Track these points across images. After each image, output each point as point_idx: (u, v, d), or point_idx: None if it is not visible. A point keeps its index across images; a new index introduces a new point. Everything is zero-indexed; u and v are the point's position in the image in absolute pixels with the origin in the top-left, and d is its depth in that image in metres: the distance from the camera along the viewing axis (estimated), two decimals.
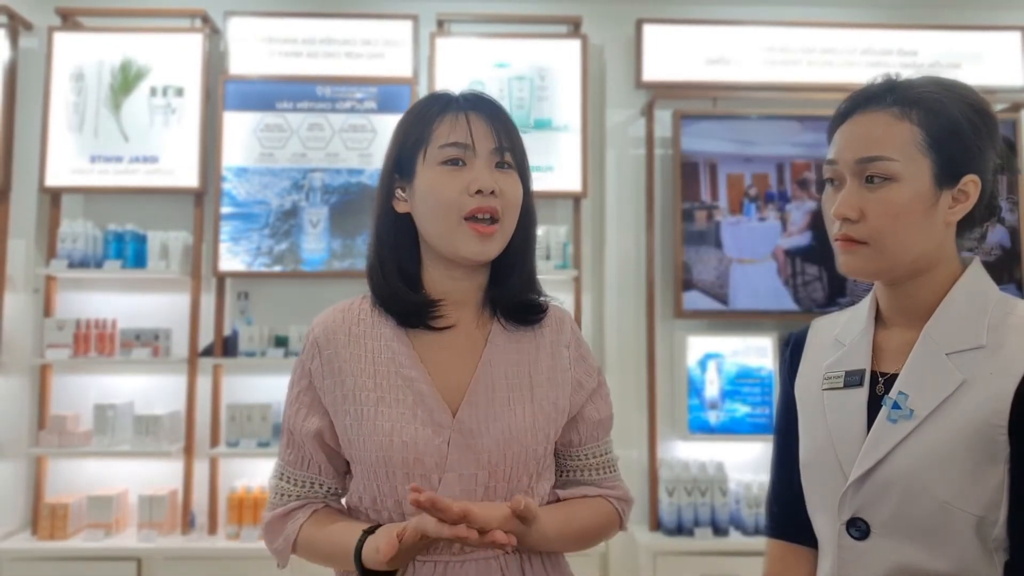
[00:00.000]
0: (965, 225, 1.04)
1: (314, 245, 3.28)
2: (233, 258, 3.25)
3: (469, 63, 3.35)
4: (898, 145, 0.99)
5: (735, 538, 3.07)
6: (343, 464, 1.18)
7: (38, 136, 3.25)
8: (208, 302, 3.29)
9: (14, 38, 3.30)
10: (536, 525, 1.06)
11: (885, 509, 0.97)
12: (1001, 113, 3.29)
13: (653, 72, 3.42)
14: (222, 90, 3.30)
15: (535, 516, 1.04)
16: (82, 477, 3.22)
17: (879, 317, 1.09)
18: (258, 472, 3.20)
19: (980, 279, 1.03)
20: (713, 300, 3.30)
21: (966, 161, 1.00)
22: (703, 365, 3.32)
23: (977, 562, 0.93)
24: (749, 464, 3.26)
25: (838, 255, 1.04)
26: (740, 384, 3.30)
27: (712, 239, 3.32)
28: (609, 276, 3.40)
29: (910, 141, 0.99)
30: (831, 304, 3.27)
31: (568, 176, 3.33)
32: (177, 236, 3.21)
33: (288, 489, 1.18)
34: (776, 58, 3.45)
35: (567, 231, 3.33)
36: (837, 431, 1.04)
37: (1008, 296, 1.03)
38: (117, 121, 3.28)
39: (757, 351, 3.32)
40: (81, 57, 3.29)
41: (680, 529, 3.08)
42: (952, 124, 0.99)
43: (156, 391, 3.27)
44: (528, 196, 1.18)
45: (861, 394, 1.04)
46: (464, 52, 3.37)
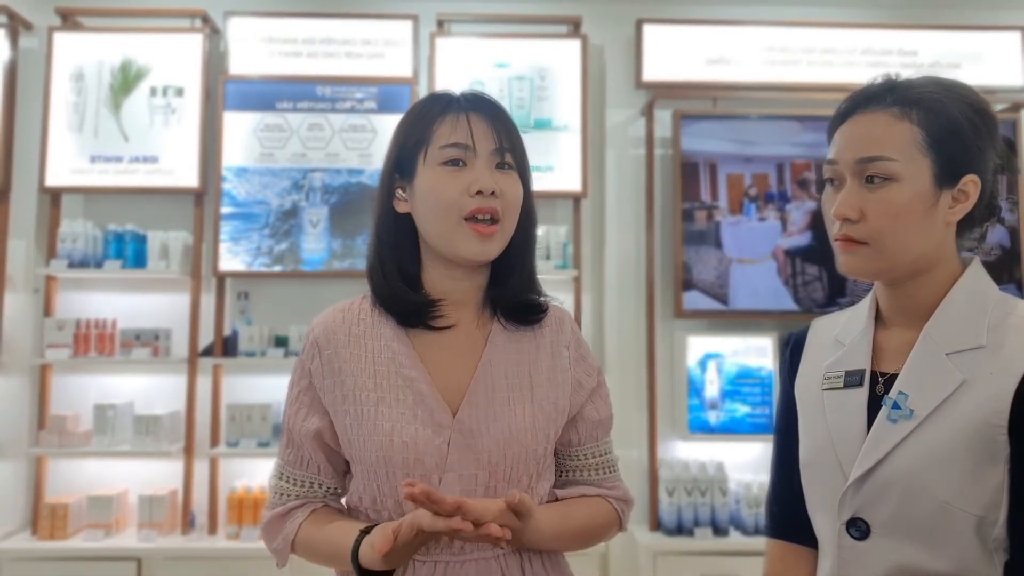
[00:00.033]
0: (965, 225, 1.04)
1: (314, 245, 3.28)
2: (233, 258, 3.25)
3: (469, 63, 3.35)
4: (898, 145, 0.99)
5: (735, 538, 3.07)
6: (343, 464, 1.18)
7: (38, 136, 3.25)
8: (208, 302, 3.29)
9: (14, 38, 3.30)
10: (532, 522, 1.05)
11: (885, 509, 0.97)
12: (1001, 113, 3.29)
13: (653, 72, 3.42)
14: (222, 90, 3.30)
15: (530, 511, 1.03)
16: (82, 477, 3.22)
17: (879, 317, 1.09)
18: (258, 472, 3.20)
19: (980, 279, 1.03)
20: (713, 300, 3.30)
21: (966, 161, 1.00)
22: (703, 365, 3.32)
23: (977, 562, 0.93)
24: (749, 464, 3.26)
25: (838, 255, 1.04)
26: (740, 384, 3.30)
27: (712, 239, 3.32)
28: (609, 276, 3.40)
29: (910, 141, 0.99)
30: (831, 304, 3.27)
31: (568, 176, 3.33)
32: (177, 236, 3.21)
33: (287, 489, 1.18)
34: (776, 58, 3.45)
35: (567, 231, 3.33)
36: (837, 431, 1.04)
37: (1008, 296, 1.03)
38: (117, 121, 3.28)
39: (757, 351, 3.32)
40: (81, 57, 3.29)
41: (680, 529, 3.08)
42: (952, 124, 0.99)
43: (156, 391, 3.28)
44: (528, 197, 1.18)
45: (861, 394, 1.04)
46: (464, 52, 3.37)
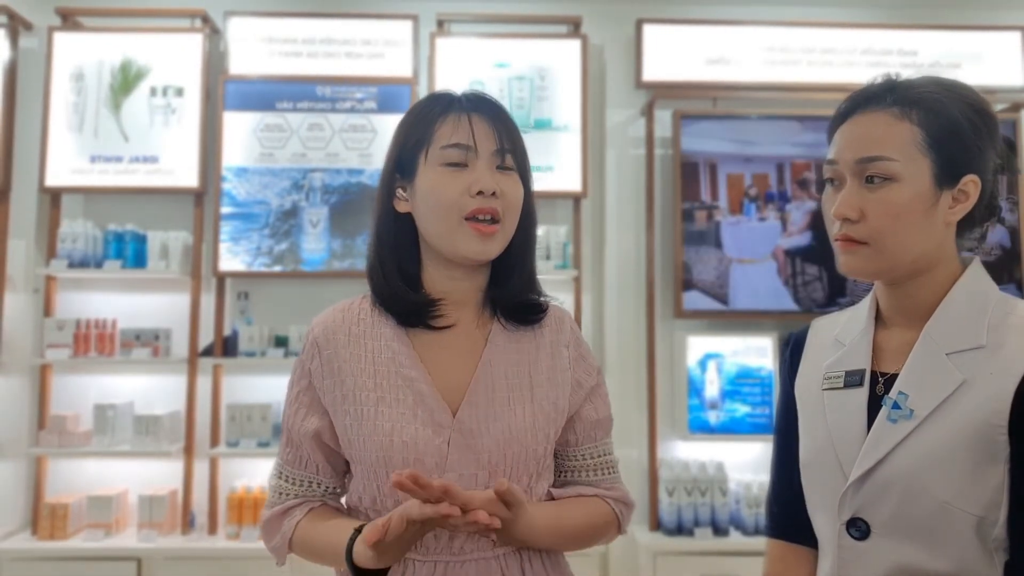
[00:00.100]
0: (965, 225, 1.04)
1: (314, 245, 3.28)
2: (233, 258, 3.25)
3: (469, 63, 3.35)
4: (898, 145, 0.99)
5: (735, 538, 3.07)
6: (342, 463, 1.18)
7: (38, 136, 3.25)
8: (208, 302, 3.29)
9: (14, 38, 3.30)
10: (524, 516, 1.05)
11: (885, 509, 0.97)
12: (1001, 113, 3.29)
13: (653, 72, 3.42)
14: (222, 90, 3.30)
15: (520, 501, 1.03)
16: (82, 477, 3.22)
17: (879, 317, 1.09)
18: (258, 472, 3.20)
19: (980, 279, 1.03)
20: (713, 300, 3.30)
21: (966, 161, 1.00)
22: (703, 365, 3.32)
23: (977, 562, 0.93)
24: (749, 464, 3.26)
25: (838, 255, 1.04)
26: (740, 384, 3.30)
27: (712, 239, 3.32)
28: (609, 276, 3.40)
29: (910, 141, 0.99)
30: (831, 304, 3.27)
31: (568, 176, 3.33)
32: (177, 236, 3.21)
33: (286, 488, 1.18)
34: (776, 58, 3.45)
35: (567, 231, 3.33)
36: (837, 431, 1.04)
37: (1008, 296, 1.03)
38: (117, 121, 3.28)
39: (757, 351, 3.32)
40: (81, 57, 3.29)
41: (680, 529, 3.08)
42: (952, 124, 0.99)
43: (156, 391, 3.27)
44: (529, 197, 1.18)
45: (861, 394, 1.04)
46: (464, 52, 3.37)
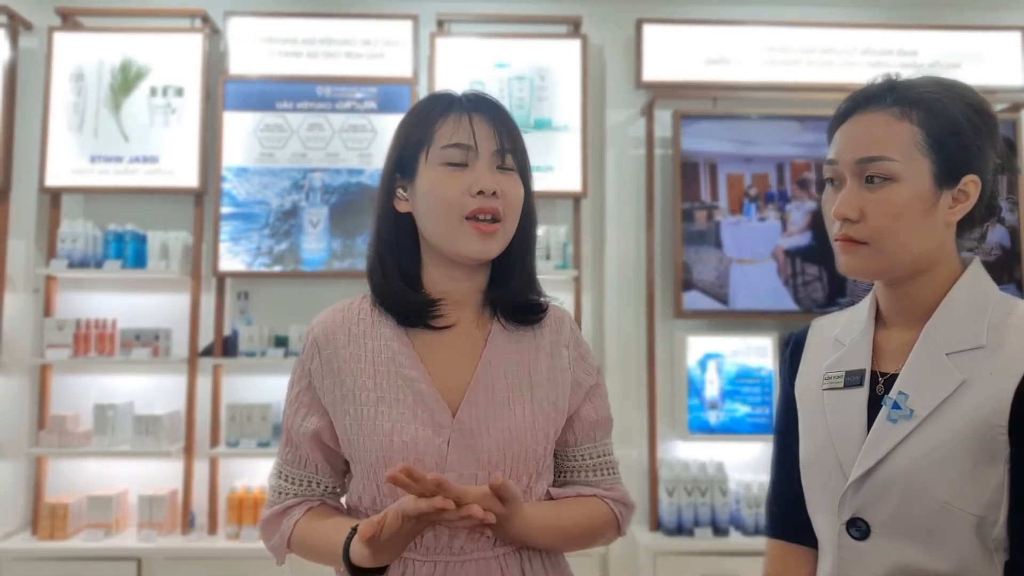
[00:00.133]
0: (965, 225, 1.04)
1: (314, 245, 3.28)
2: (233, 258, 3.25)
3: (469, 63, 3.35)
4: (898, 145, 0.99)
5: (735, 538, 3.07)
6: (342, 463, 1.18)
7: (38, 136, 3.25)
8: (208, 302, 3.29)
9: (14, 38, 3.29)
10: (520, 513, 1.05)
11: (885, 509, 0.97)
12: (1001, 113, 3.29)
13: (653, 72, 3.42)
14: (222, 90, 3.30)
15: (515, 497, 1.02)
16: (82, 477, 3.22)
17: (879, 317, 1.09)
18: (258, 472, 3.20)
19: (980, 279, 1.03)
20: (713, 300, 3.30)
21: (966, 161, 1.00)
22: (703, 365, 3.32)
23: (977, 562, 0.93)
24: (749, 464, 3.26)
25: (838, 255, 1.04)
26: (740, 384, 3.30)
27: (712, 239, 3.32)
28: (609, 276, 3.40)
29: (910, 141, 0.99)
30: (831, 304, 3.27)
31: (568, 176, 3.33)
32: (177, 236, 3.21)
33: (286, 488, 1.18)
34: (776, 58, 3.45)
35: (567, 231, 3.33)
36: (837, 431, 1.04)
37: (1008, 296, 1.03)
38: (117, 121, 3.28)
39: (757, 351, 3.31)
40: (81, 57, 3.29)
41: (680, 529, 3.08)
42: (952, 124, 0.99)
43: (156, 391, 3.27)
44: (529, 197, 1.18)
45: (861, 394, 1.04)
46: (464, 52, 3.37)
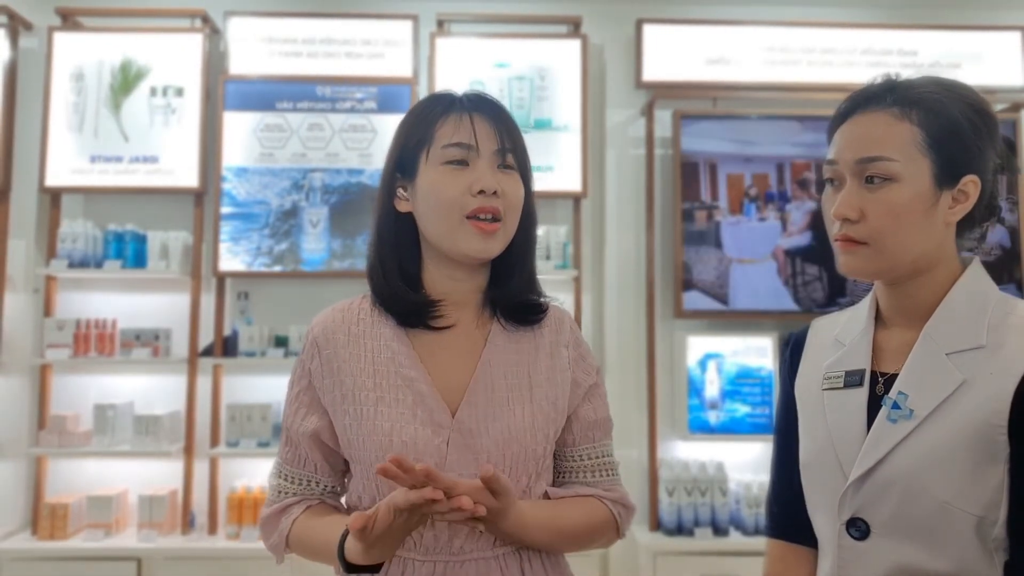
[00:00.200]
0: (965, 225, 1.04)
1: (314, 245, 3.28)
2: (233, 258, 3.25)
3: (469, 63, 3.35)
4: (898, 145, 0.99)
5: (735, 538, 3.07)
6: (341, 463, 1.18)
7: (38, 136, 3.25)
8: (208, 302, 3.29)
9: (14, 38, 3.29)
10: (513, 508, 1.04)
11: (885, 509, 0.97)
12: (1001, 113, 3.29)
13: (653, 72, 3.42)
14: (222, 90, 3.30)
15: (507, 489, 1.01)
16: (82, 477, 3.22)
17: (879, 317, 1.09)
18: (258, 472, 3.20)
19: (980, 279, 1.03)
20: (713, 300, 3.30)
21: (966, 161, 1.00)
22: (703, 365, 3.31)
23: (977, 562, 0.93)
24: (749, 464, 3.26)
25: (838, 255, 1.04)
26: (740, 384, 3.30)
27: (712, 239, 3.32)
28: (609, 276, 3.40)
29: (910, 141, 0.99)
30: (831, 304, 3.27)
31: (568, 176, 3.33)
32: (177, 236, 3.21)
33: (285, 487, 1.18)
34: (776, 58, 3.45)
35: (567, 231, 3.33)
36: (837, 431, 1.04)
37: (1008, 296, 1.03)
38: (117, 121, 3.28)
39: (757, 351, 3.31)
40: (81, 57, 3.29)
41: (680, 529, 3.08)
42: (952, 124, 0.99)
43: (156, 391, 3.27)
44: (529, 197, 1.18)
45: (861, 394, 1.04)
46: (464, 52, 3.37)
